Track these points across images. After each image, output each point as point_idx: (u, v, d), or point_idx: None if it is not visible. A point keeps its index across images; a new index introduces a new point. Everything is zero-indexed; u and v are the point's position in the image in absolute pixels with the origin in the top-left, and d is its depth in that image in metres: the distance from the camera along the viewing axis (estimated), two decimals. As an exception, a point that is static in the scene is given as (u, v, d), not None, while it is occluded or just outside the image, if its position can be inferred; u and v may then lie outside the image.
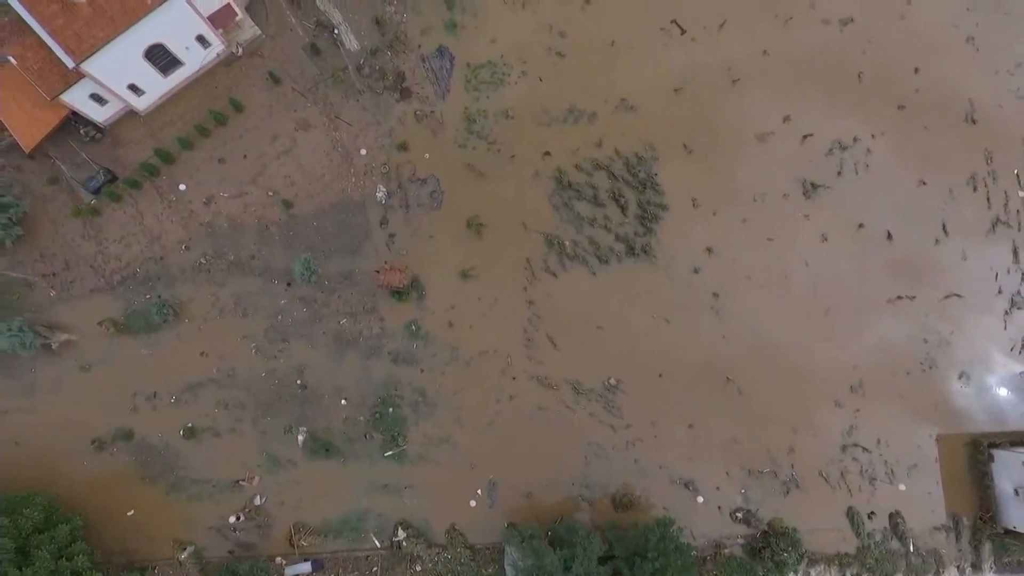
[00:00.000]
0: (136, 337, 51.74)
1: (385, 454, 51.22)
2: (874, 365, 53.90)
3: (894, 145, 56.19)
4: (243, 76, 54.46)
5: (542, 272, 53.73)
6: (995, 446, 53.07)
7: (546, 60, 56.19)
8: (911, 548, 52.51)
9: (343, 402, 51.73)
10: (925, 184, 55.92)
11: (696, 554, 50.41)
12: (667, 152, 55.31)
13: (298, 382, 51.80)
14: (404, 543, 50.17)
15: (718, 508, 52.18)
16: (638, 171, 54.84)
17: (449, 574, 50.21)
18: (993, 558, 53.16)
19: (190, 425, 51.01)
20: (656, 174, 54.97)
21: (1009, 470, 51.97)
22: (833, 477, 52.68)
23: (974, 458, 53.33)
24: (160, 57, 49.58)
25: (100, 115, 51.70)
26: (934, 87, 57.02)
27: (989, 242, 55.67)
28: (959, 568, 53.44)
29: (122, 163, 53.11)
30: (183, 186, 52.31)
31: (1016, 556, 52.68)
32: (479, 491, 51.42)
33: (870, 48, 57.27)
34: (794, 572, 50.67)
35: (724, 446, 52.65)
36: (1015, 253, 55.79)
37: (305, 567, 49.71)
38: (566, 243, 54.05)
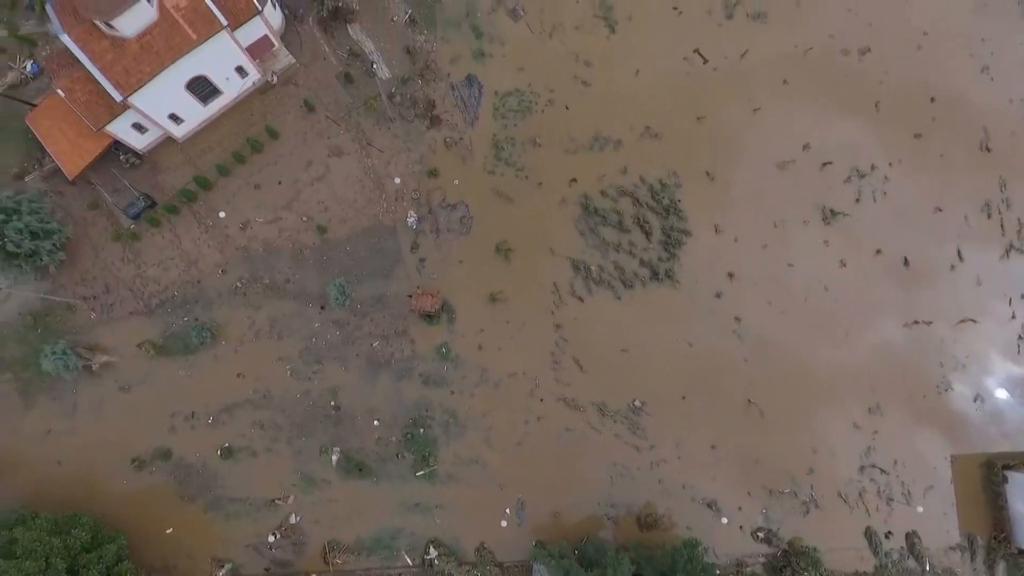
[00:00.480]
0: (174, 359, 53.15)
1: (416, 474, 52.61)
2: (891, 388, 55.31)
3: (911, 172, 57.67)
4: (278, 103, 55.93)
5: (569, 296, 55.17)
6: (1009, 468, 54.41)
7: (572, 88, 57.69)
8: (927, 567, 53.89)
9: (375, 423, 53.13)
10: (941, 211, 57.40)
11: (719, 573, 51.77)
12: (690, 179, 56.80)
13: (332, 403, 53.20)
14: (435, 561, 51.53)
15: (740, 527, 53.56)
16: (662, 197, 56.30)
17: (479, 591, 51.67)
18: (1007, 577, 54.66)
19: (227, 445, 52.39)
20: (679, 200, 56.45)
21: (1023, 491, 53.36)
22: (851, 497, 54.07)
23: (988, 479, 54.73)
24: (201, 88, 51.03)
25: (140, 143, 53.15)
26: (950, 116, 58.51)
27: (1003, 268, 57.10)
28: (973, 586, 55.00)
29: (160, 189, 54.59)
30: (223, 213, 53.75)
31: (1029, 575, 54.20)
32: (508, 510, 52.79)
33: (887, 78, 58.77)
34: (814, 590, 52.11)
35: (745, 467, 54.06)
36: (1028, 278, 57.37)
37: (339, 584, 51.19)
38: (592, 268, 55.49)
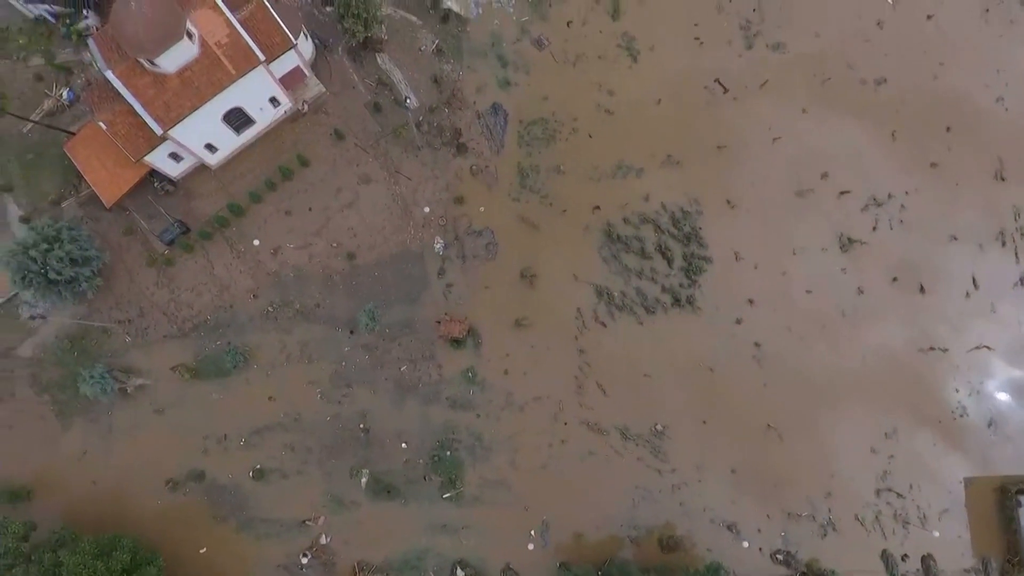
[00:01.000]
0: (207, 382, 54.40)
1: (443, 496, 53.82)
2: (907, 413, 56.50)
3: (927, 201, 58.85)
4: (308, 132, 57.17)
5: (592, 322, 56.39)
6: (1023, 492, 55.59)
7: (595, 117, 58.92)
8: (942, 589, 55.18)
9: (404, 446, 54.36)
10: (956, 239, 58.57)
11: (739, 594, 53.09)
12: (711, 207, 58.02)
13: (361, 426, 54.44)
14: (462, 581, 52.86)
15: (759, 550, 54.71)
16: (683, 225, 57.53)
17: (504, 611, 52.88)
18: (1020, 599, 55.81)
19: (259, 467, 53.64)
20: (700, 228, 57.67)
21: (1036, 515, 54.63)
22: (868, 520, 55.24)
23: (1003, 503, 55.86)
24: (236, 118, 52.29)
25: (175, 171, 54.42)
26: (965, 145, 59.70)
27: (1017, 295, 58.25)
28: (987, 607, 56.13)
29: (194, 215, 55.86)
30: (257, 241, 55.00)
31: (1042, 597, 55.37)
32: (532, 532, 54.00)
33: (904, 107, 59.98)
34: (831, 611, 53.29)
35: (765, 490, 55.25)
36: (1042, 306, 58.56)
37: (368, 603, 52.43)
38: (615, 294, 56.71)
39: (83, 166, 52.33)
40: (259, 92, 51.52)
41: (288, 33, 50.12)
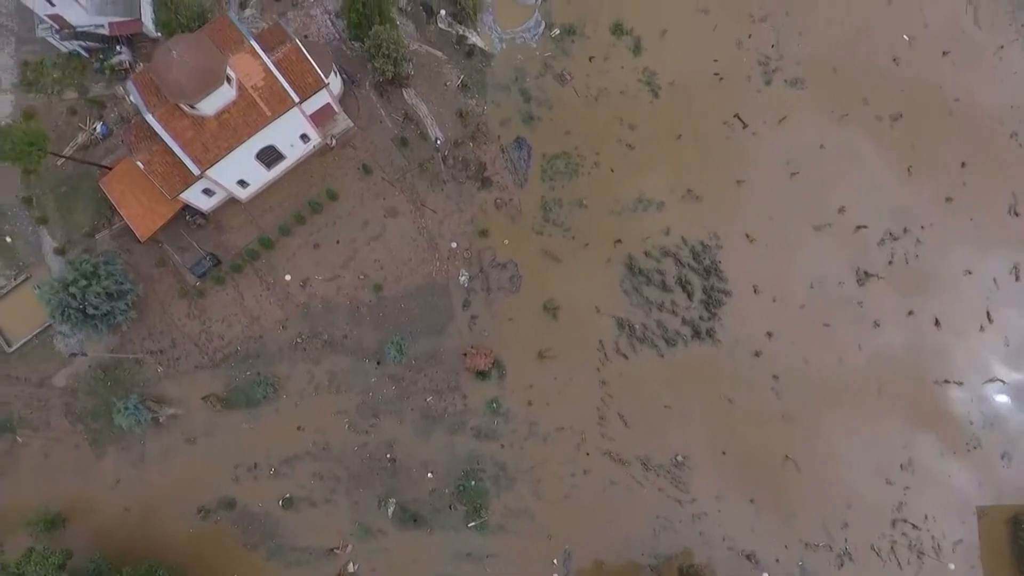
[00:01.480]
0: (238, 411, 55.62)
1: (468, 524, 54.98)
2: (923, 445, 57.58)
3: (942, 236, 59.92)
4: (336, 165, 58.36)
5: (614, 353, 57.52)
6: (1035, 523, 56.84)
7: (617, 151, 60.06)
8: (956, 618, 56.31)
9: (430, 475, 55.54)
10: (971, 273, 59.66)
11: (758, 623, 54.26)
12: (730, 240, 59.12)
13: (388, 456, 55.62)
14: (487, 609, 54.00)
15: (777, 579, 56.01)
16: (703, 258, 58.66)
17: (527, 638, 54.02)
18: (1032, 628, 56.90)
19: (288, 495, 54.83)
20: (720, 261, 58.78)
21: (1048, 547, 55.74)
22: (884, 551, 56.33)
23: (1015, 534, 56.88)
24: (268, 155, 53.46)
25: (207, 205, 55.61)
26: (980, 181, 60.77)
27: (1031, 329, 59.51)
28: (1000, 636, 57.22)
29: (224, 247, 57.05)
30: (288, 276, 56.17)
31: (1054, 628, 56.45)
32: (555, 560, 55.13)
33: (919, 143, 61.07)
34: (847, 640, 54.44)
35: (783, 520, 56.39)
36: (1055, 340, 59.67)
37: (394, 630, 53.57)
38: (636, 326, 57.85)
39: (118, 201, 53.50)
40: (291, 130, 52.71)
41: (320, 73, 51.29)
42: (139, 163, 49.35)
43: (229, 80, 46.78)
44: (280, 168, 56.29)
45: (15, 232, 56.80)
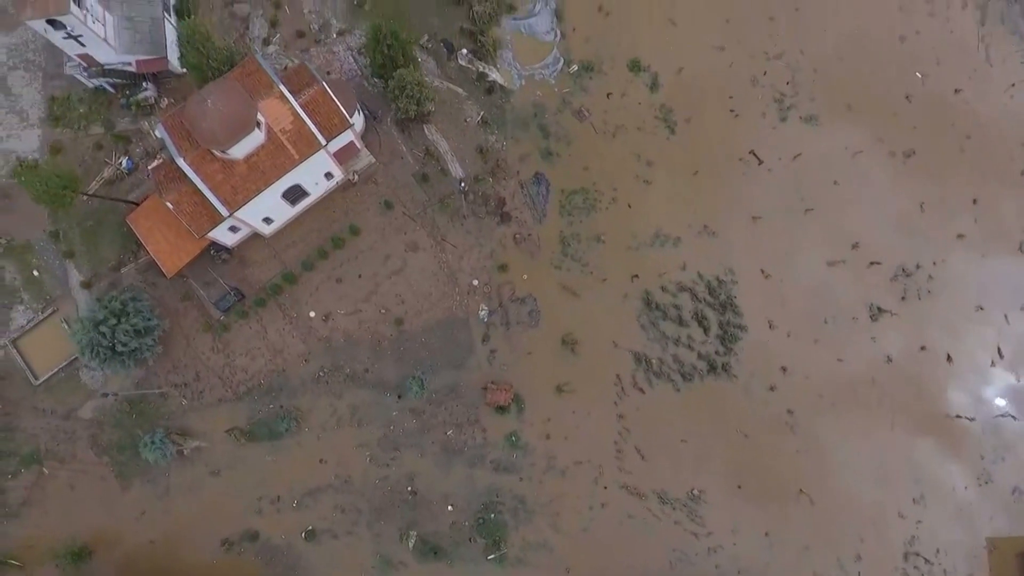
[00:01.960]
0: (261, 444, 56.46)
1: (488, 557, 55.82)
2: (935, 479, 58.47)
3: (954, 272, 60.77)
4: (358, 201, 59.21)
5: (631, 387, 58.39)
6: (1045, 557, 57.77)
7: (634, 187, 60.92)
8: (967, 651, 57.16)
9: (450, 508, 56.39)
10: (982, 309, 60.53)
11: (773, 656, 55.10)
12: (746, 276, 59.95)
13: (409, 488, 56.47)
14: (506, 641, 54.85)
15: (791, 611, 56.86)
16: (719, 293, 59.54)
17: (546, 669, 54.88)
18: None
19: (310, 528, 55.69)
20: (735, 296, 59.62)
21: (1058, 581, 56.64)
22: (897, 584, 57.38)
23: (1025, 568, 58.07)
24: (293, 193, 54.32)
25: (231, 240, 56.42)
26: (991, 217, 61.61)
27: (1041, 365, 60.43)
28: (1010, 668, 58.06)
29: (248, 282, 57.88)
30: (313, 312, 57.00)
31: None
32: (573, 593, 56.14)
33: (932, 179, 61.99)
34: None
35: (797, 553, 57.24)
36: (1065, 375, 60.61)
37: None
38: (653, 360, 58.73)
39: (145, 237, 54.39)
40: (317, 170, 53.56)
41: (345, 114, 52.16)
42: (168, 203, 50.18)
43: (259, 125, 47.65)
44: (304, 204, 57.12)
45: (42, 266, 57.68)
